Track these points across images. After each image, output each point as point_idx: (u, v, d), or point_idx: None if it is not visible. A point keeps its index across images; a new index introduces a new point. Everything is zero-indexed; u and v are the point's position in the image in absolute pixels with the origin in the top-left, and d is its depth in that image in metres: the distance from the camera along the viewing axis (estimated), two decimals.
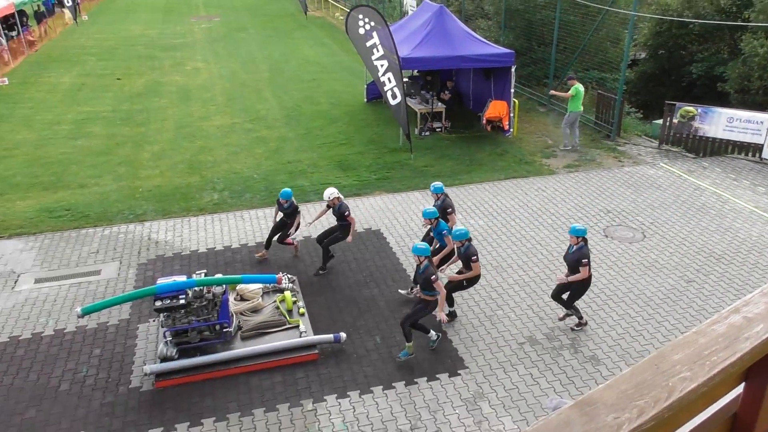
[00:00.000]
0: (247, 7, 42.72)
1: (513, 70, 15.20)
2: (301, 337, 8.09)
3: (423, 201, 12.43)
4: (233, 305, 8.54)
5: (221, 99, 19.72)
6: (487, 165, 14.25)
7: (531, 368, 7.84)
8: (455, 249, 8.67)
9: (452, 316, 8.71)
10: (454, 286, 8.59)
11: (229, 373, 7.69)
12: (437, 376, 7.70)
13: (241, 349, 7.90)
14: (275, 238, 10.06)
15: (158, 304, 7.63)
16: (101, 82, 21.99)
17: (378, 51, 14.04)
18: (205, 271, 8.60)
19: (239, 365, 7.76)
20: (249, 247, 10.66)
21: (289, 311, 8.62)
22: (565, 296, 8.45)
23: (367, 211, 12.00)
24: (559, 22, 17.56)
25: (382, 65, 14.05)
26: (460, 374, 7.72)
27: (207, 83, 21.68)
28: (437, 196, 9.57)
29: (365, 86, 19.21)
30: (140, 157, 14.75)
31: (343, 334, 8.19)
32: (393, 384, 7.56)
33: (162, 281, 7.83)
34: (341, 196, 9.61)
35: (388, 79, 14.02)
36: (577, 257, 8.01)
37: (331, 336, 8.16)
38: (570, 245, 8.19)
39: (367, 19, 14.06)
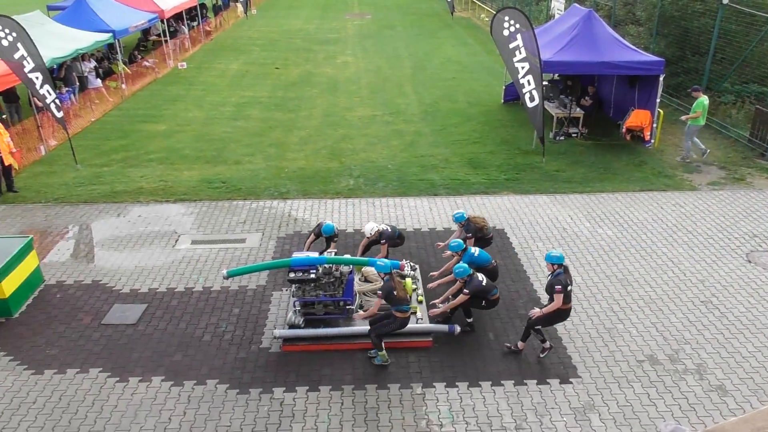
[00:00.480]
0: (397, 6, 43.92)
1: (661, 79, 14.43)
2: (417, 323, 8.47)
3: (551, 205, 12.30)
4: (357, 285, 9.11)
5: (365, 92, 20.68)
6: (622, 175, 13.72)
7: (648, 388, 7.59)
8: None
9: (471, 327, 8.65)
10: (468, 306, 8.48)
11: (347, 347, 8.23)
12: (548, 380, 7.70)
13: (360, 326, 8.44)
14: None
15: (291, 275, 8.38)
16: (262, 70, 23.96)
17: (520, 53, 14.01)
18: (335, 250, 9.26)
19: (358, 341, 8.28)
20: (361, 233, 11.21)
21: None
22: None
23: (493, 210, 12.11)
24: (718, 31, 16.32)
25: (522, 67, 14.02)
26: (571, 382, 7.66)
27: (354, 76, 22.80)
28: (461, 224, 9.47)
29: (503, 87, 19.20)
30: (288, 140, 16.00)
31: (457, 327, 8.46)
32: (502, 381, 7.68)
33: (297, 255, 8.60)
34: (382, 227, 9.69)
35: (528, 81, 13.95)
36: (551, 283, 7.68)
37: (446, 327, 8.46)
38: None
39: (512, 21, 14.07)
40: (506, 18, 14.20)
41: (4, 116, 14.25)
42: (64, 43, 17.19)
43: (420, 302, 8.92)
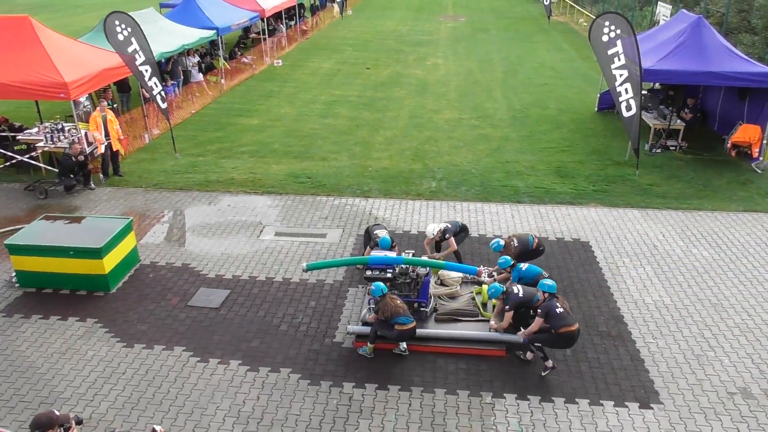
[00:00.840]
0: (493, 9, 43.41)
1: None
2: (490, 331, 8.33)
3: (642, 220, 11.74)
4: (433, 288, 9.08)
5: (453, 95, 20.57)
6: (723, 193, 12.86)
7: (739, 423, 7.08)
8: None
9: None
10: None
11: (419, 349, 8.22)
12: (626, 403, 7.36)
13: (434, 330, 8.39)
14: None
15: (368, 273, 8.48)
16: (353, 70, 24.40)
17: (619, 60, 13.45)
18: (413, 251, 9.27)
19: (429, 345, 8.25)
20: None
21: (484, 305, 8.89)
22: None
23: (579, 222, 11.70)
24: None
25: (621, 75, 13.45)
26: (652, 408, 7.28)
27: (443, 79, 22.74)
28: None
29: (598, 95, 18.51)
30: (374, 140, 16.19)
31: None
32: (576, 399, 7.41)
33: (375, 254, 8.69)
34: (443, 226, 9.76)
35: (625, 89, 13.37)
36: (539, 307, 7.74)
37: (521, 338, 8.27)
38: None
39: (613, 27, 13.53)
40: (606, 23, 13.68)
41: (115, 105, 15.33)
42: (172, 38, 18.29)
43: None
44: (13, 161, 13.28)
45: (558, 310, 7.62)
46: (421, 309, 8.62)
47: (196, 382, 7.67)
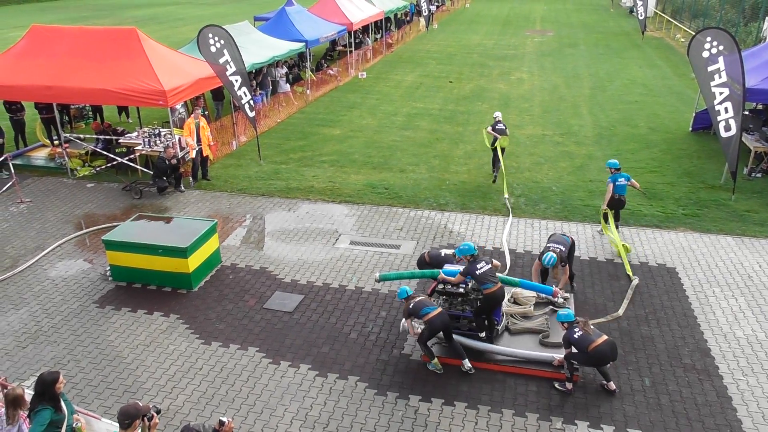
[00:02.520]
0: (583, 24, 42.32)
1: None
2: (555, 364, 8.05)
3: (736, 248, 11.00)
4: (506, 306, 8.90)
5: (537, 110, 20.16)
6: None
7: None
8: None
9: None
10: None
11: (488, 367, 8.08)
12: None
13: (509, 348, 8.22)
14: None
15: (441, 287, 8.43)
16: (436, 83, 24.47)
17: (720, 77, 12.72)
18: (490, 266, 9.12)
19: (500, 363, 8.09)
20: (532, 255, 10.89)
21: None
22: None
23: (665, 246, 11.12)
24: None
25: (720, 93, 12.71)
26: None
27: (527, 94, 22.35)
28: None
29: (693, 114, 17.55)
30: (453, 153, 16.13)
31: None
32: None
33: (448, 268, 8.63)
34: None
35: (725, 108, 12.61)
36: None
37: (555, 363, 7.98)
38: None
39: (715, 43, 12.83)
40: (708, 39, 12.99)
41: (206, 112, 16.14)
42: (263, 50, 19.07)
43: None
44: (114, 163, 14.27)
45: (576, 335, 7.52)
46: (494, 326, 8.46)
47: (267, 383, 7.89)
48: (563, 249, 9.07)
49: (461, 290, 8.34)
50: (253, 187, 13.93)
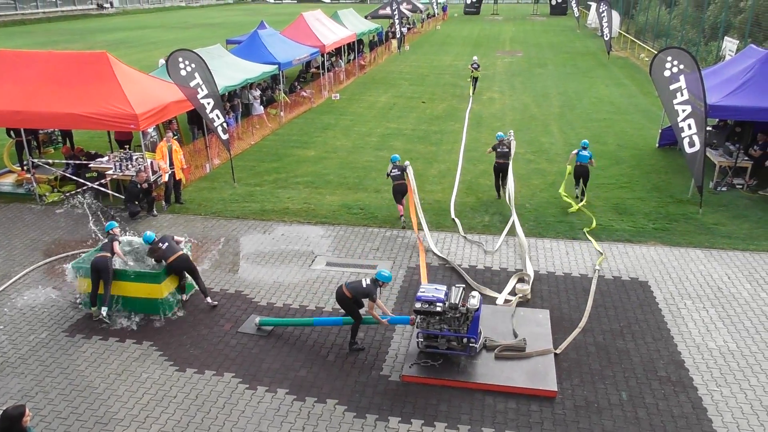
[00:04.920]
0: (550, 44, 43.33)
1: None
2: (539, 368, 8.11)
3: (705, 261, 11.24)
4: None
5: (509, 129, 20.42)
6: None
7: None
8: None
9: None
10: None
11: (467, 386, 8.07)
12: None
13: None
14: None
15: (418, 306, 8.42)
16: (409, 104, 24.71)
17: (682, 95, 13.11)
18: (464, 285, 9.15)
19: (478, 381, 8.08)
20: (508, 272, 10.96)
21: None
22: None
23: (637, 260, 11.31)
24: None
25: (683, 110, 13.09)
26: None
27: (499, 113, 22.70)
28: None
29: (659, 130, 18.05)
30: (427, 173, 16.24)
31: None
32: None
33: (424, 287, 8.64)
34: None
35: (688, 125, 12.98)
36: None
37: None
38: None
39: (675, 62, 13.24)
40: (669, 58, 13.41)
41: (176, 136, 15.99)
42: (236, 73, 19.06)
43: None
44: (84, 188, 14.03)
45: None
46: (471, 345, 8.46)
47: (243, 409, 7.75)
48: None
49: (438, 309, 8.33)
50: (227, 210, 13.81)
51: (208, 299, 9.99)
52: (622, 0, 49.98)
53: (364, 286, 8.58)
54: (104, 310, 9.53)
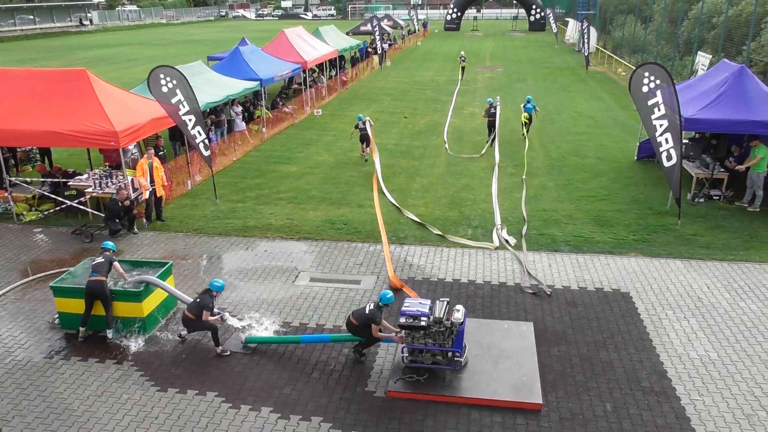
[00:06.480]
0: (530, 60, 43.95)
1: None
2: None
3: (685, 271, 11.38)
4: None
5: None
6: None
7: None
8: None
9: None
10: None
11: (452, 400, 8.03)
12: None
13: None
14: None
15: (402, 321, 8.40)
16: (391, 119, 24.84)
17: (659, 110, 13.35)
18: (448, 299, 9.16)
19: (463, 395, 8.05)
20: (491, 285, 11.00)
21: None
22: None
23: (619, 272, 11.42)
24: None
25: (661, 125, 13.32)
26: None
27: (480, 127, 22.86)
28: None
29: (638, 143, 18.34)
30: (410, 187, 16.30)
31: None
32: None
33: (408, 302, 8.62)
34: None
35: (666, 139, 13.20)
36: None
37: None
38: None
39: (652, 77, 13.49)
40: (646, 74, 13.66)
41: (162, 152, 15.90)
42: (218, 89, 19.04)
43: None
44: (63, 206, 13.85)
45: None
46: (456, 359, 8.45)
47: (227, 429, 7.63)
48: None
49: (422, 324, 8.32)
50: (209, 227, 13.71)
51: (109, 332, 9.53)
52: (599, 16, 50.97)
53: (367, 312, 8.73)
54: (110, 333, 9.49)
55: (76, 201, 13.86)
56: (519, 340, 9.18)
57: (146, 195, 13.57)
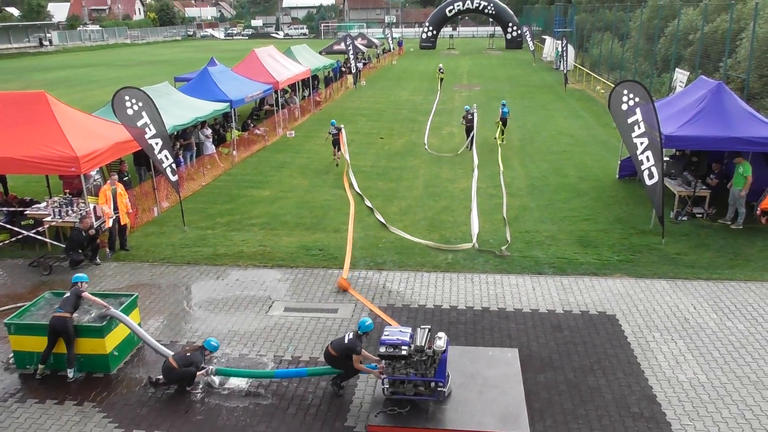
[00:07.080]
0: (508, 78, 44.27)
1: None
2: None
3: (671, 292, 11.14)
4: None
5: (470, 163, 20.40)
6: (756, 262, 12.28)
7: None
8: None
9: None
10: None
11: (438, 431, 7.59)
12: None
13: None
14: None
15: (382, 350, 7.96)
16: (367, 140, 24.53)
17: (639, 128, 13.23)
18: (429, 327, 8.74)
19: (448, 428, 7.62)
20: (474, 311, 10.61)
21: None
22: None
23: (604, 294, 11.13)
24: None
25: (641, 143, 13.19)
26: None
27: (459, 147, 22.69)
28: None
29: (619, 162, 18.25)
30: (388, 210, 15.89)
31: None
32: None
33: (388, 330, 8.19)
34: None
35: (647, 157, 13.06)
36: None
37: None
38: None
39: (631, 95, 13.39)
40: (625, 91, 13.55)
41: (126, 177, 15.32)
42: (185, 111, 18.48)
43: None
44: (19, 236, 13.13)
45: None
46: (439, 389, 8.02)
47: None
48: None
49: (403, 353, 7.89)
50: (177, 256, 13.11)
51: (70, 372, 8.96)
52: (576, 33, 51.69)
53: (347, 342, 8.30)
54: (71, 372, 8.92)
55: (34, 231, 13.14)
56: (504, 367, 8.77)
57: (109, 223, 12.93)
